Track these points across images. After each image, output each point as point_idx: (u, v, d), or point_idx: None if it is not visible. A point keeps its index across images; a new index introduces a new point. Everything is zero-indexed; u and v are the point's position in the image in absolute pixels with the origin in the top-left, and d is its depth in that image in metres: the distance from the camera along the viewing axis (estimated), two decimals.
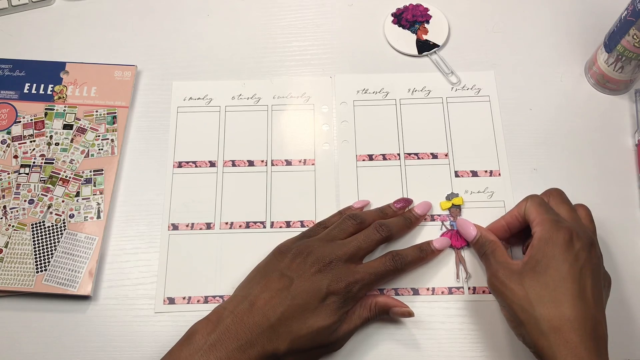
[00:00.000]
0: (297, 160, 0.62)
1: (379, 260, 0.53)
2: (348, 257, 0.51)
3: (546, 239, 0.48)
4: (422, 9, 0.69)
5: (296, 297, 0.49)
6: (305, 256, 0.51)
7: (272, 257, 0.53)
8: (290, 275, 0.50)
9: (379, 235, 0.53)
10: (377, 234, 0.53)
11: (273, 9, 0.70)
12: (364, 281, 0.51)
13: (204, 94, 0.65)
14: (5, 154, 0.61)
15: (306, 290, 0.49)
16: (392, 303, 0.53)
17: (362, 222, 0.54)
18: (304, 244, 0.52)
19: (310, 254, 0.51)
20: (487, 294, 0.55)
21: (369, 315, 0.52)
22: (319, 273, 0.50)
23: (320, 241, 0.52)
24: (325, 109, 0.64)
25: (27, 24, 0.69)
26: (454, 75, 0.65)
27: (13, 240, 0.57)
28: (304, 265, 0.50)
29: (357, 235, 0.53)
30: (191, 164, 0.62)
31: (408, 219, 0.57)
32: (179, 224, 0.59)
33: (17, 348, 0.54)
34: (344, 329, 0.50)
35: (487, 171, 0.61)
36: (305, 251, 0.51)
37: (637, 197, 0.60)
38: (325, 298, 0.49)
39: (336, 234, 0.53)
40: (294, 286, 0.49)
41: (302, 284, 0.49)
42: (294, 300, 0.48)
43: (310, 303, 0.48)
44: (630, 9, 0.57)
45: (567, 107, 0.64)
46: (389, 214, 0.57)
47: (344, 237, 0.53)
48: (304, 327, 0.48)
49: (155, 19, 0.69)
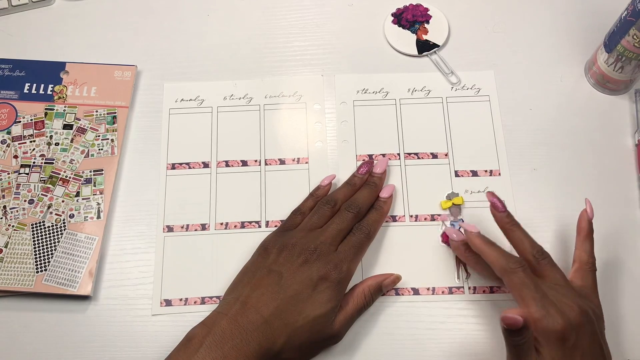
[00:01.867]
0: (290, 159, 0.62)
1: (350, 235, 0.54)
2: (330, 242, 0.52)
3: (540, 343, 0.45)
4: (422, 9, 0.69)
5: (288, 289, 0.49)
6: (290, 249, 0.51)
7: (257, 255, 0.54)
8: (278, 270, 0.50)
9: (350, 214, 0.54)
10: (349, 213, 0.54)
11: (273, 9, 0.70)
12: (348, 258, 0.52)
13: (196, 95, 0.65)
14: (5, 154, 0.61)
15: (297, 281, 0.49)
16: (380, 279, 0.54)
17: (336, 204, 0.55)
18: (287, 237, 0.53)
19: (295, 246, 0.52)
20: (487, 294, 0.55)
21: (365, 301, 0.53)
22: (306, 263, 0.50)
23: (302, 231, 0.53)
24: (317, 107, 0.64)
25: (27, 24, 0.69)
26: (454, 75, 0.65)
27: (13, 240, 0.57)
28: (291, 258, 0.51)
29: (333, 219, 0.54)
30: (185, 166, 0.62)
31: (372, 184, 0.58)
32: (174, 226, 0.59)
33: (17, 348, 0.54)
34: (341, 320, 0.51)
35: (487, 171, 0.61)
36: (290, 244, 0.52)
37: (637, 197, 0.60)
38: (317, 285, 0.49)
39: (315, 221, 0.54)
40: (284, 280, 0.49)
41: (292, 276, 0.50)
42: (286, 293, 0.49)
43: (303, 292, 0.49)
44: (630, 9, 0.57)
45: (567, 107, 0.64)
46: (357, 184, 0.58)
47: (323, 223, 0.54)
48: (300, 318, 0.48)
49: (155, 19, 0.69)
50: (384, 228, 0.58)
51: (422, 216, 0.59)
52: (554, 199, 0.60)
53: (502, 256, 0.48)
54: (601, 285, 0.54)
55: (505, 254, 0.49)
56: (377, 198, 0.57)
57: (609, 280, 0.56)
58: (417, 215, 0.59)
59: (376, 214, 0.56)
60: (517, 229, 0.52)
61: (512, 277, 0.47)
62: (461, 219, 0.58)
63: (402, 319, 0.55)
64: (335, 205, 0.55)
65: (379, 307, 0.55)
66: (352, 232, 0.54)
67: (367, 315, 0.55)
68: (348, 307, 0.52)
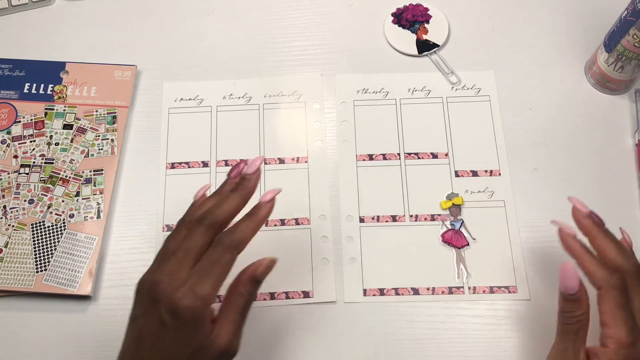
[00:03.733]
0: (290, 158, 0.62)
1: (208, 250, 0.44)
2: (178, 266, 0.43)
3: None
4: (422, 8, 0.69)
5: (144, 343, 0.42)
6: (139, 290, 0.44)
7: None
8: (137, 316, 0.43)
9: (201, 226, 0.45)
10: (200, 226, 0.45)
11: (273, 9, 0.70)
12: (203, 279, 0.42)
13: (195, 95, 0.65)
14: (5, 154, 0.61)
15: (150, 328, 0.42)
16: (252, 269, 0.45)
17: (190, 220, 0.46)
18: (143, 277, 0.45)
19: (143, 284, 0.44)
20: (487, 294, 0.56)
21: (243, 300, 0.45)
22: (154, 302, 0.42)
23: (157, 263, 0.45)
24: (316, 106, 0.64)
25: (27, 24, 0.69)
26: (454, 75, 0.65)
27: (13, 240, 0.57)
28: (141, 299, 0.43)
29: (185, 237, 0.45)
30: (184, 165, 0.62)
31: (241, 188, 0.48)
32: (173, 225, 0.59)
33: (17, 348, 0.54)
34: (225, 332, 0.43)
35: (487, 171, 0.61)
36: (141, 281, 0.44)
37: (637, 197, 0.60)
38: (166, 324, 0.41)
39: (171, 245, 0.45)
40: (140, 331, 0.43)
41: (145, 322, 0.42)
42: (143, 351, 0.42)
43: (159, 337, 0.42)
44: (630, 8, 0.57)
45: (567, 107, 0.64)
46: (226, 190, 0.48)
47: (177, 245, 0.45)
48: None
49: (155, 19, 0.69)
50: (384, 229, 0.58)
51: (422, 216, 0.59)
52: (554, 199, 0.60)
53: (601, 268, 0.44)
54: None
55: (604, 266, 0.45)
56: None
57: None
58: (417, 215, 0.59)
59: (248, 220, 0.46)
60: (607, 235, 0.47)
61: (609, 293, 0.43)
62: (461, 219, 0.58)
63: (402, 318, 0.55)
64: (190, 222, 0.46)
65: (379, 307, 0.55)
66: (211, 245, 0.44)
67: (366, 315, 0.55)
68: (228, 313, 0.44)
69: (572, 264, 0.44)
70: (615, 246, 0.46)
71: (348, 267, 0.57)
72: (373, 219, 0.59)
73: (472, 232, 0.58)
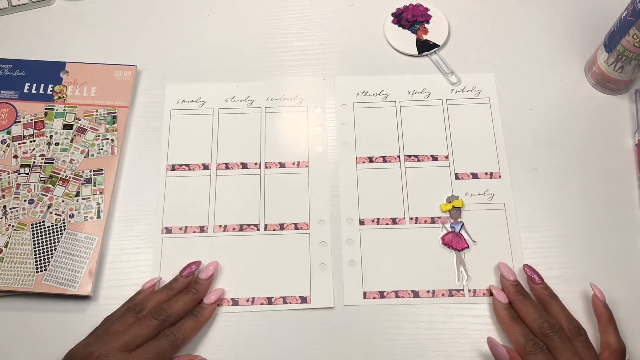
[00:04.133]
0: (290, 163, 0.62)
1: (153, 340, 0.50)
2: (121, 346, 0.48)
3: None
4: (422, 9, 0.69)
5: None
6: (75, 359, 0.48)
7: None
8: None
9: (155, 321, 0.50)
10: (153, 320, 0.50)
11: (273, 9, 0.70)
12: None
13: (197, 97, 0.65)
14: (5, 154, 0.61)
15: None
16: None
17: (142, 310, 0.52)
18: (78, 346, 0.50)
19: (75, 354, 0.48)
20: (487, 297, 0.56)
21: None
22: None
23: (95, 338, 0.50)
24: (318, 110, 0.64)
25: (27, 24, 0.69)
26: (454, 75, 0.65)
27: (13, 240, 0.57)
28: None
29: (134, 324, 0.50)
30: (184, 167, 0.62)
31: (193, 291, 0.54)
32: (172, 227, 0.59)
33: (17, 348, 0.54)
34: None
35: (487, 173, 0.61)
36: (76, 352, 0.49)
37: (637, 197, 0.60)
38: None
39: (115, 327, 0.50)
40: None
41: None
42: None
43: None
44: (630, 8, 0.57)
45: (567, 107, 0.64)
46: (177, 288, 0.54)
47: (124, 328, 0.50)
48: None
49: (155, 19, 0.69)
50: (384, 231, 0.58)
51: (422, 219, 0.59)
52: (554, 199, 0.60)
53: (523, 336, 0.50)
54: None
55: (527, 334, 0.50)
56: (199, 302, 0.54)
57: (608, 280, 0.56)
58: (417, 217, 0.59)
59: (192, 321, 0.52)
60: (555, 301, 0.53)
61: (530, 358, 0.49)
62: (461, 222, 0.58)
63: (402, 318, 0.55)
64: (141, 312, 0.51)
65: (379, 309, 0.55)
66: (157, 336, 0.50)
67: (367, 316, 0.55)
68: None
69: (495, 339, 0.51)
70: (535, 311, 0.52)
71: (348, 270, 0.57)
72: (373, 221, 0.59)
73: (473, 234, 0.58)
